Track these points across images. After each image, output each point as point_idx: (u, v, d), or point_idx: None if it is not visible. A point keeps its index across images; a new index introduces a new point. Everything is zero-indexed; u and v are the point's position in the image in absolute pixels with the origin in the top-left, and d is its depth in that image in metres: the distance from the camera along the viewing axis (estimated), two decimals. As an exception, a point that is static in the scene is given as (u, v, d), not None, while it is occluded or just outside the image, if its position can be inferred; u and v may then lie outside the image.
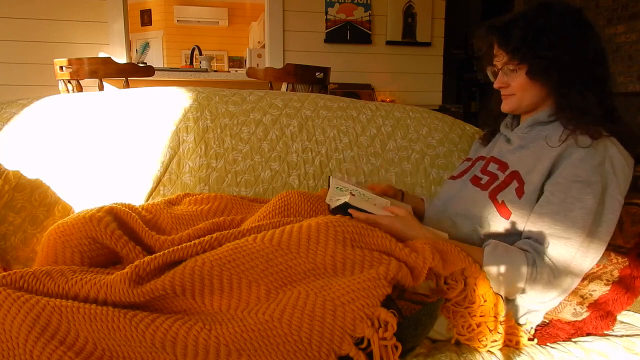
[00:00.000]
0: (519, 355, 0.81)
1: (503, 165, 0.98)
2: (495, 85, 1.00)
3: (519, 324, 0.88)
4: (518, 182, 0.91)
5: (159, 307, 0.71)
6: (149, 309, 0.70)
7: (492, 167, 1.01)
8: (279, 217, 0.98)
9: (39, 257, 0.91)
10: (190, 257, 0.79)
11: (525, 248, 0.86)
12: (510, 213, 0.90)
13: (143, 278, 0.72)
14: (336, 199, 1.01)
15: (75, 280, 0.71)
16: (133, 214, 0.96)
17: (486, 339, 0.79)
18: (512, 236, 0.91)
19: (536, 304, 0.87)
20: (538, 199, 0.89)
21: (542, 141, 0.93)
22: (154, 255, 0.77)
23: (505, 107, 1.01)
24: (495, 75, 1.00)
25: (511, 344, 0.82)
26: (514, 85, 0.96)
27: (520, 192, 0.90)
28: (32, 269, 0.74)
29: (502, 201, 0.91)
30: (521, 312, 0.89)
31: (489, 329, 0.79)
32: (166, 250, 0.78)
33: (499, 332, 0.80)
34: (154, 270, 0.74)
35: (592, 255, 0.84)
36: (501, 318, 0.81)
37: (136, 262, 0.74)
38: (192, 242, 0.81)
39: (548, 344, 0.86)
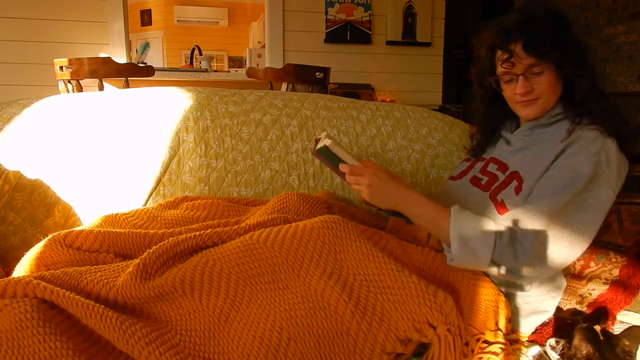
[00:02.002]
0: (519, 356, 0.81)
1: (503, 166, 0.98)
2: (519, 91, 0.93)
3: (518, 330, 0.88)
4: (518, 181, 0.92)
5: (165, 309, 0.71)
6: (155, 310, 0.71)
7: (492, 168, 1.01)
8: (277, 214, 0.98)
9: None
10: (192, 248, 0.79)
11: (498, 220, 0.85)
12: (507, 210, 0.90)
13: (150, 267, 0.73)
14: (317, 140, 1.00)
15: (87, 281, 0.71)
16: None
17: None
18: None
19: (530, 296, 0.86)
20: None
21: (543, 142, 0.94)
22: (158, 245, 0.77)
23: (530, 112, 0.96)
24: (498, 83, 0.98)
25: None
26: (539, 89, 0.92)
27: (518, 190, 0.90)
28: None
29: (502, 200, 0.91)
30: (523, 314, 0.89)
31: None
32: (170, 239, 0.78)
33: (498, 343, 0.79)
34: (159, 258, 0.75)
35: (574, 243, 0.82)
36: (502, 324, 0.81)
37: (143, 255, 0.74)
38: (193, 234, 0.81)
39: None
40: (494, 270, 0.82)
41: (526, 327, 0.89)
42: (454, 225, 0.83)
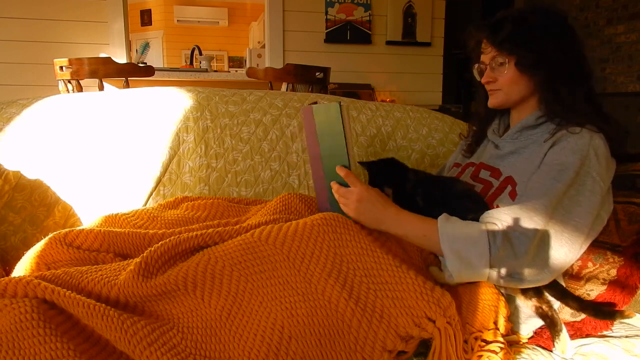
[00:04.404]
0: (519, 358, 0.81)
1: (496, 172, 0.98)
2: (483, 80, 1.00)
3: (518, 332, 0.88)
4: (512, 185, 0.92)
5: (167, 307, 0.71)
6: (157, 308, 0.71)
7: (484, 174, 1.00)
8: (279, 215, 0.99)
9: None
10: (193, 247, 0.79)
11: (487, 221, 0.83)
12: None
13: (152, 265, 0.73)
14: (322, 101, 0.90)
15: (88, 280, 0.72)
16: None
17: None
18: None
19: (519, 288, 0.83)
20: None
21: (532, 145, 0.94)
22: (160, 243, 0.77)
23: (492, 101, 1.01)
24: (481, 72, 1.01)
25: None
26: (501, 80, 0.96)
27: (513, 195, 0.90)
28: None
29: (497, 205, 0.91)
30: (523, 316, 0.88)
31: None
32: (172, 238, 0.78)
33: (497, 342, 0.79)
34: (161, 257, 0.75)
35: (574, 238, 0.80)
36: (501, 324, 0.81)
37: (145, 254, 0.74)
38: (194, 233, 0.81)
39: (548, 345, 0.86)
40: (494, 275, 0.80)
41: (526, 329, 0.89)
42: (444, 239, 0.81)
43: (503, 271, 0.79)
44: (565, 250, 0.81)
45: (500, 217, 0.82)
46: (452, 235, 0.81)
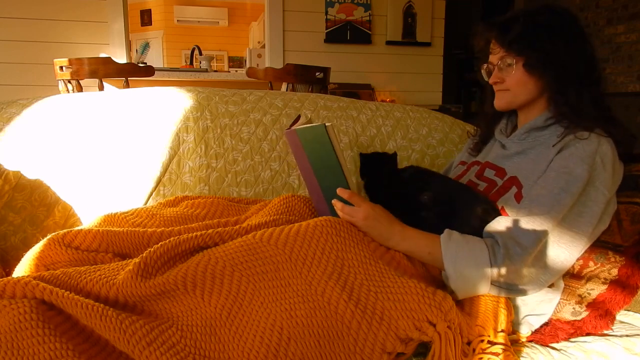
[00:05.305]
0: (518, 355, 0.81)
1: (500, 171, 0.97)
2: (490, 81, 0.99)
3: (518, 331, 0.88)
4: (517, 186, 0.91)
5: (166, 306, 0.71)
6: (157, 307, 0.71)
7: (489, 173, 1.00)
8: (280, 216, 0.98)
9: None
10: (193, 248, 0.79)
11: (491, 230, 0.85)
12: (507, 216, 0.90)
13: (151, 266, 0.73)
14: (297, 119, 0.89)
15: (86, 280, 0.71)
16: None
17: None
18: None
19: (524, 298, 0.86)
20: None
21: (539, 147, 0.93)
22: (159, 244, 0.77)
23: (498, 102, 1.00)
24: (489, 73, 1.00)
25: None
26: (508, 81, 0.96)
27: (519, 197, 0.89)
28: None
29: (502, 207, 0.91)
30: (522, 315, 0.89)
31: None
32: (172, 239, 0.78)
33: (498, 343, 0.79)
34: (161, 258, 0.75)
35: (572, 247, 0.83)
36: (503, 324, 0.81)
37: (144, 254, 0.74)
38: (194, 234, 0.81)
39: (548, 344, 0.86)
40: (494, 291, 0.83)
41: (525, 328, 0.89)
42: (447, 258, 0.82)
43: (504, 285, 0.82)
44: (562, 259, 0.84)
45: (503, 231, 0.84)
46: (455, 255, 0.82)
